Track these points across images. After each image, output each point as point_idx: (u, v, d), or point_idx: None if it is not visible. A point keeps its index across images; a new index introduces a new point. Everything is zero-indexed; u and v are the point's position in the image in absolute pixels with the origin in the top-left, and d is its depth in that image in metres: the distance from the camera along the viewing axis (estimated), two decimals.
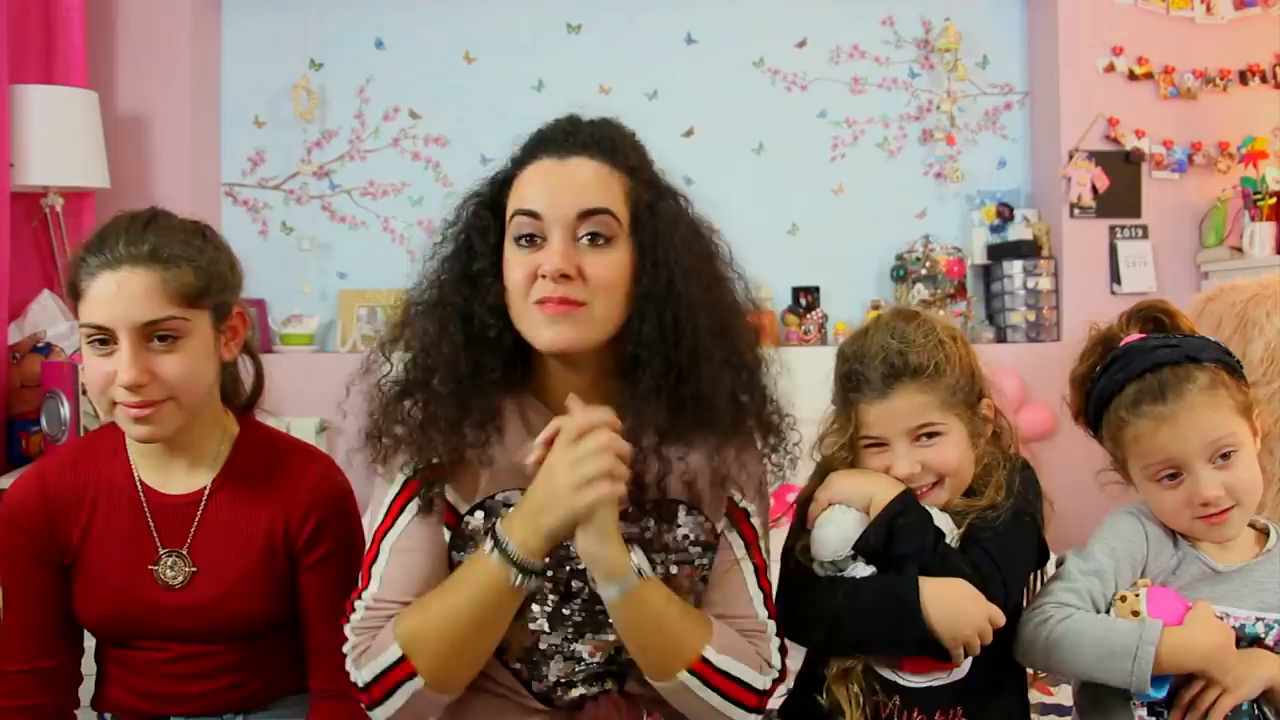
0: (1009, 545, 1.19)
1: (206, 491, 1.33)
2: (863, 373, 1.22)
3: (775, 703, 1.38)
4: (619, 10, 3.49)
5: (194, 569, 1.31)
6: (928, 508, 1.20)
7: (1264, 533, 1.24)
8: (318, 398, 1.52)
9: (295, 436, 1.48)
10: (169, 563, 1.31)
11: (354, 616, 1.15)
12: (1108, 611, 1.19)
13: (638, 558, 1.10)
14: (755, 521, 1.23)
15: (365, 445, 1.21)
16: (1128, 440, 1.20)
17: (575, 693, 1.21)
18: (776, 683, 1.17)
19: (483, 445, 1.16)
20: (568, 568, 1.17)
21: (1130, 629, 1.14)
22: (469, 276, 1.18)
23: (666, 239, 1.16)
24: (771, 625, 1.18)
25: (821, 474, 1.29)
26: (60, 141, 2.81)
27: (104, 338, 1.23)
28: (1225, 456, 1.17)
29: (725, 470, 1.18)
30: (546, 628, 1.18)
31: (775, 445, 1.23)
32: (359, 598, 1.15)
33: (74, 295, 1.27)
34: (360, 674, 1.12)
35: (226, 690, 1.34)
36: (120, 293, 1.22)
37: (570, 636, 1.18)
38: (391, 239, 3.45)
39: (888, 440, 1.22)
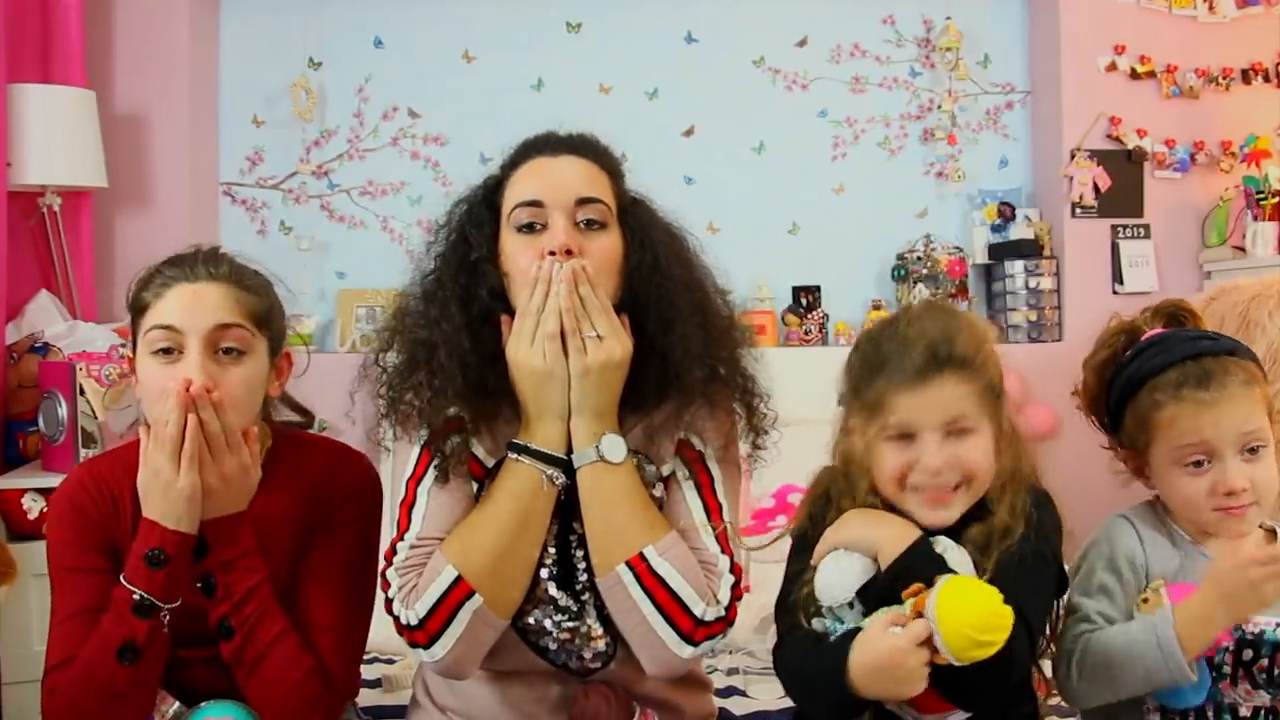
0: (1032, 585, 1.11)
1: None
2: (900, 359, 1.14)
3: None
4: (619, 9, 3.48)
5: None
6: (945, 548, 1.12)
7: (1271, 533, 1.21)
8: (317, 397, 1.52)
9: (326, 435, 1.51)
10: None
11: (396, 559, 1.20)
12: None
13: (609, 442, 1.19)
14: (711, 465, 1.28)
15: (383, 419, 1.27)
16: (1160, 422, 1.19)
17: (563, 641, 1.24)
18: (721, 622, 1.18)
19: (497, 412, 1.25)
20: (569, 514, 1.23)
21: (1144, 623, 1.13)
22: (467, 266, 1.26)
23: (650, 227, 1.28)
24: (725, 562, 1.21)
25: (823, 486, 1.23)
26: (58, 141, 2.80)
27: (169, 346, 1.25)
28: (1253, 451, 1.17)
29: (681, 418, 1.26)
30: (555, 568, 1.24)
31: (747, 406, 1.29)
32: (400, 541, 1.21)
33: (138, 308, 1.30)
34: (413, 611, 1.16)
35: None
36: (196, 300, 1.27)
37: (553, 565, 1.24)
38: (390, 238, 3.44)
39: (916, 432, 1.13)
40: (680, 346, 1.23)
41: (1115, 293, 3.37)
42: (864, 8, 3.52)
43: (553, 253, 1.19)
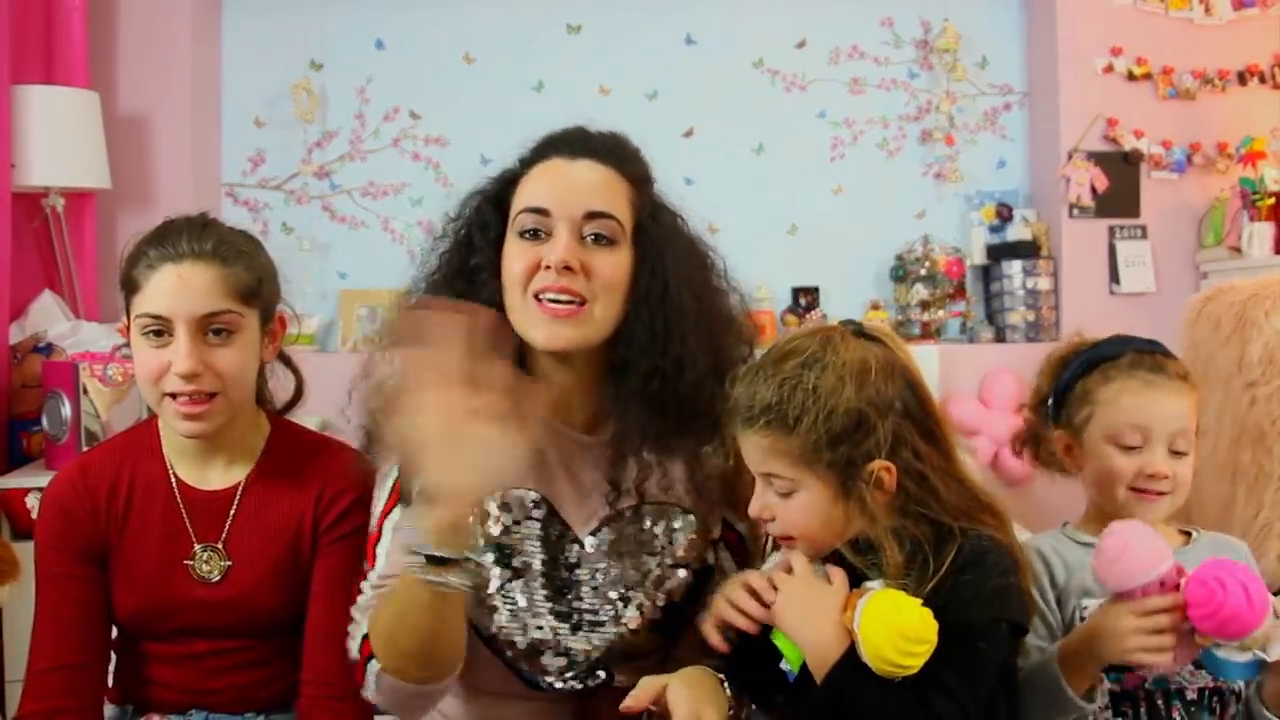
0: (968, 666, 1.00)
1: (241, 486, 1.35)
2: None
3: None
4: (619, 11, 3.49)
5: (229, 563, 1.33)
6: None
7: (1186, 535, 1.28)
8: (318, 397, 1.53)
9: (326, 434, 1.49)
10: (204, 557, 1.33)
11: (360, 598, 1.17)
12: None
13: None
14: (748, 543, 1.27)
15: (364, 440, 1.23)
16: (1104, 397, 1.25)
17: (566, 686, 1.21)
18: None
19: None
20: (561, 565, 1.20)
21: (1039, 657, 1.14)
22: (465, 271, 1.19)
23: (665, 248, 1.19)
24: None
25: None
26: (61, 142, 2.82)
27: (159, 329, 1.27)
28: (1179, 451, 1.23)
29: (715, 480, 1.21)
30: (541, 623, 1.19)
31: None
32: (365, 579, 1.18)
33: (129, 288, 1.30)
34: (352, 650, 1.15)
35: (251, 687, 1.36)
36: (182, 284, 1.26)
37: (566, 632, 1.19)
38: (391, 239, 3.46)
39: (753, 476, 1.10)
40: (693, 392, 1.17)
41: (1112, 293, 3.38)
42: (862, 10, 3.54)
43: (548, 268, 1.13)
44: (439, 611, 1.03)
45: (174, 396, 1.28)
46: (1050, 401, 1.33)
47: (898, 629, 0.96)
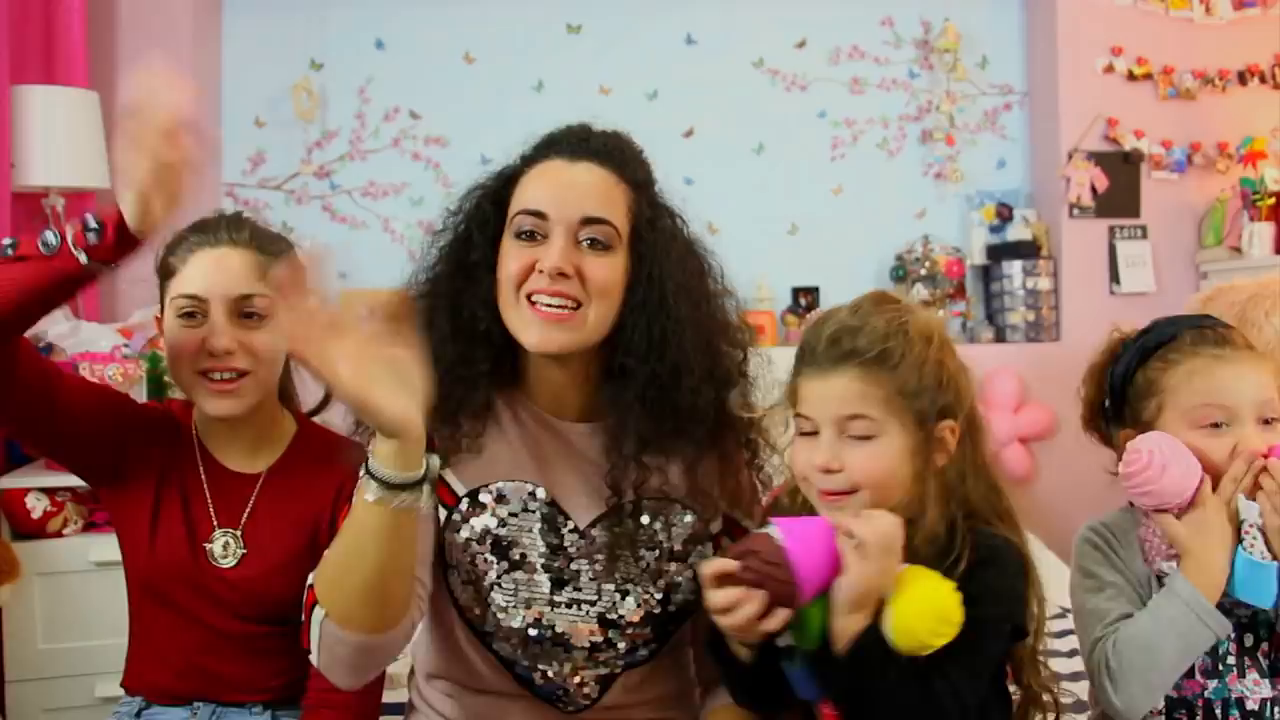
0: (971, 661, 1.00)
1: (264, 474, 1.40)
2: (813, 345, 1.09)
3: None
4: (619, 11, 3.50)
5: (244, 550, 1.37)
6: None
7: None
8: (316, 395, 1.53)
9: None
10: (222, 541, 1.36)
11: (319, 567, 1.14)
12: None
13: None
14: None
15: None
16: (1174, 382, 1.16)
17: (559, 684, 1.22)
18: None
19: (478, 435, 1.20)
20: (561, 555, 1.20)
21: (1162, 595, 1.10)
22: (464, 268, 1.21)
23: (663, 254, 1.19)
24: None
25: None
26: (61, 142, 2.81)
27: (194, 310, 1.33)
28: (1268, 422, 1.13)
29: (714, 480, 1.22)
30: (540, 613, 1.19)
31: (754, 463, 1.26)
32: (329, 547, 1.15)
33: (165, 273, 1.37)
34: (301, 615, 1.13)
35: (258, 677, 1.37)
36: (219, 267, 1.34)
37: (565, 623, 1.20)
38: (392, 239, 3.46)
39: (816, 425, 1.07)
40: (689, 399, 1.17)
41: (1112, 293, 3.39)
42: (862, 9, 3.54)
43: (541, 271, 1.13)
44: (391, 537, 1.02)
45: (206, 376, 1.32)
46: (1107, 404, 1.24)
47: (935, 608, 0.95)
